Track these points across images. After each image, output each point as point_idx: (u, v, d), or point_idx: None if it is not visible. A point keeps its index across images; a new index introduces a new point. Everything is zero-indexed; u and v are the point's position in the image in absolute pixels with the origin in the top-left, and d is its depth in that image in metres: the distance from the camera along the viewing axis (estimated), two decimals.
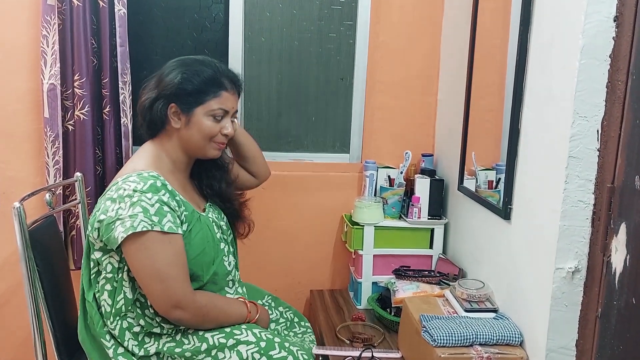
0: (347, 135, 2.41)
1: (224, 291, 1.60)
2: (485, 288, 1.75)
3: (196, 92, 1.49)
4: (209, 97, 1.49)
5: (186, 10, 2.27)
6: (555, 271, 1.39)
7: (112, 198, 1.39)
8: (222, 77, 1.52)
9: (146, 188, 1.38)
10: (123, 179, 1.41)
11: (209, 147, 1.54)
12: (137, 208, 1.36)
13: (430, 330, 1.54)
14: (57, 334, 1.65)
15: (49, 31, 1.99)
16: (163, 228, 1.37)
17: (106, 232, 1.38)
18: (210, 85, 1.50)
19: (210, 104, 1.50)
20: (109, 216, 1.37)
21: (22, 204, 1.57)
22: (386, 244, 2.17)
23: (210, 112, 1.50)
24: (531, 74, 1.56)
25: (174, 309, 1.40)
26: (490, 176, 1.86)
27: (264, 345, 1.45)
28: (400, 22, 2.30)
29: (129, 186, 1.38)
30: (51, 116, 2.03)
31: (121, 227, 1.35)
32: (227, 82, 1.53)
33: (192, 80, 1.49)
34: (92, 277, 1.49)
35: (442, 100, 2.34)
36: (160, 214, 1.38)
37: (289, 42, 2.33)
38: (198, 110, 1.49)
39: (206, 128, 1.51)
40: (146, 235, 1.35)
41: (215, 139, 1.54)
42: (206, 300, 1.47)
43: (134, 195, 1.37)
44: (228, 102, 1.53)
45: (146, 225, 1.35)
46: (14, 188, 2.15)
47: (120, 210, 1.36)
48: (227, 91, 1.52)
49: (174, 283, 1.38)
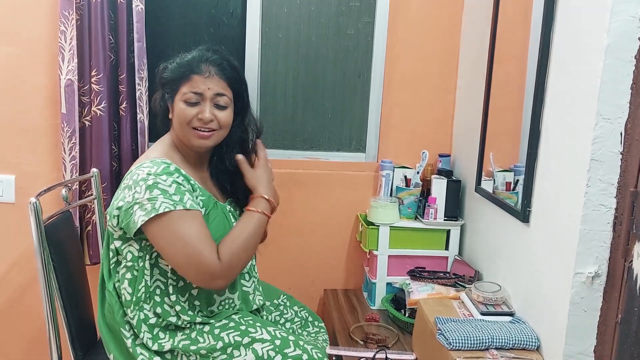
0: (364, 134, 2.40)
1: (240, 284, 1.59)
2: (502, 291, 1.73)
3: (172, 80, 1.50)
4: (180, 82, 1.48)
5: (203, 5, 2.27)
6: (574, 276, 1.37)
7: (128, 185, 1.40)
8: (194, 62, 1.49)
9: (160, 171, 1.39)
10: (137, 166, 1.43)
11: (189, 134, 1.49)
12: (155, 191, 1.36)
13: (445, 333, 1.52)
14: (72, 328, 1.66)
15: (67, 26, 1.99)
16: (185, 205, 1.38)
17: (125, 217, 1.39)
18: (181, 71, 1.48)
19: (182, 89, 1.48)
20: (126, 202, 1.39)
21: (38, 199, 1.58)
22: (401, 245, 2.16)
23: (183, 96, 1.48)
24: (553, 73, 1.53)
25: (212, 280, 1.39)
26: (508, 178, 1.84)
27: (278, 343, 1.45)
28: (419, 19, 2.28)
29: (142, 171, 1.39)
30: (68, 112, 2.04)
31: (140, 211, 1.35)
32: (202, 65, 1.48)
33: (168, 68, 1.52)
34: (111, 267, 1.50)
35: (461, 98, 2.31)
36: (180, 193, 1.39)
37: (306, 38, 2.32)
38: (176, 97, 1.49)
39: (180, 113, 1.48)
40: (170, 216, 1.36)
41: (192, 124, 1.48)
42: (229, 253, 1.41)
43: (148, 178, 1.37)
44: (201, 84, 1.47)
45: (168, 205, 1.35)
46: (31, 183, 2.17)
47: (136, 194, 1.37)
48: (200, 74, 1.47)
49: (204, 257, 1.36)
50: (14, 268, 2.25)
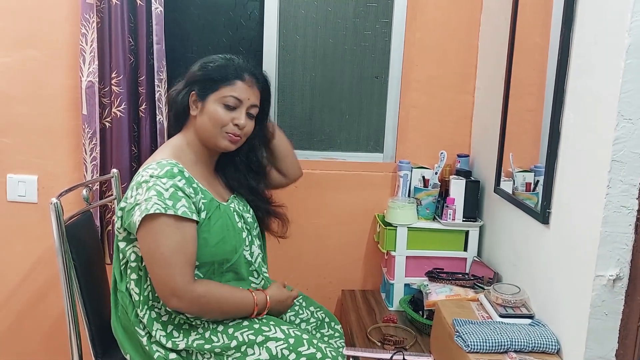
0: (381, 134, 2.39)
1: (248, 281, 1.60)
2: (521, 293, 1.71)
3: (211, 79, 1.52)
4: (222, 84, 1.51)
5: (222, 8, 2.28)
6: (595, 278, 1.35)
7: (132, 187, 1.44)
8: (240, 69, 1.54)
9: (162, 173, 1.41)
10: (144, 168, 1.46)
11: (220, 136, 1.53)
12: (152, 192, 1.38)
13: (463, 335, 1.51)
14: (92, 327, 1.68)
15: (87, 29, 2.02)
16: (177, 212, 1.38)
17: (127, 218, 1.42)
18: (224, 74, 1.52)
19: (222, 91, 1.51)
20: (128, 203, 1.42)
21: (59, 199, 1.60)
22: (419, 246, 2.15)
23: (222, 99, 1.51)
24: (573, 73, 1.51)
25: (171, 296, 1.39)
26: (528, 178, 1.82)
27: (292, 341, 1.45)
28: (437, 19, 2.27)
29: (146, 173, 1.42)
30: (89, 113, 2.06)
31: (138, 212, 1.38)
32: (246, 75, 1.54)
33: (208, 68, 1.54)
34: (122, 268, 1.52)
35: (479, 98, 2.29)
36: (175, 198, 1.39)
37: (324, 39, 2.32)
38: (211, 97, 1.52)
39: (215, 114, 1.51)
40: (158, 219, 1.37)
41: (226, 128, 1.52)
42: (205, 290, 1.43)
43: (150, 180, 1.40)
44: (243, 92, 1.53)
45: (159, 207, 1.36)
46: (53, 183, 2.20)
47: (138, 196, 1.40)
48: (244, 82, 1.53)
49: (173, 270, 1.37)
50: (36, 267, 2.29)
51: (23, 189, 2.22)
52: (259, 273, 1.63)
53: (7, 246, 2.27)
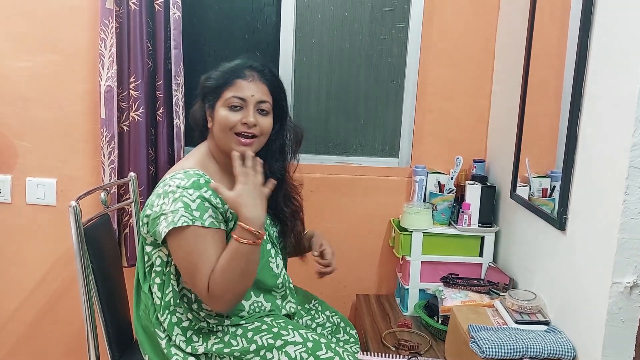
0: (397, 139, 2.39)
1: (272, 296, 1.59)
2: (537, 299, 1.70)
3: (215, 87, 1.50)
4: (224, 88, 1.49)
5: (239, 12, 2.30)
6: (612, 285, 1.34)
7: (158, 194, 1.43)
8: (239, 68, 1.50)
9: (188, 184, 1.40)
10: (170, 176, 1.45)
11: (232, 140, 1.47)
12: (179, 203, 1.38)
13: (478, 341, 1.50)
14: (109, 329, 1.69)
15: (106, 34, 2.05)
16: (204, 223, 1.38)
17: (152, 226, 1.42)
18: (225, 77, 1.50)
19: (224, 94, 1.48)
20: (154, 211, 1.42)
21: (78, 202, 1.61)
22: (435, 251, 2.14)
23: (226, 102, 1.48)
24: (591, 77, 1.49)
25: (208, 301, 1.39)
26: (544, 184, 1.81)
27: (311, 345, 1.45)
28: (453, 23, 2.26)
29: (173, 182, 1.42)
30: (107, 117, 2.09)
31: (164, 222, 1.38)
32: (246, 71, 1.50)
33: (212, 77, 1.52)
34: (146, 270, 1.53)
35: (496, 103, 2.28)
36: (202, 209, 1.39)
37: (340, 44, 2.32)
38: (218, 104, 1.50)
39: (222, 118, 1.47)
40: (187, 230, 1.37)
41: (235, 129, 1.47)
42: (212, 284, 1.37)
43: (177, 191, 1.40)
44: (245, 89, 1.48)
45: (187, 220, 1.37)
46: (71, 186, 2.23)
47: (164, 206, 1.40)
48: (244, 79, 1.49)
49: (198, 281, 1.37)
50: (54, 269, 2.31)
51: (42, 192, 2.25)
52: (283, 284, 1.61)
53: (26, 248, 2.30)
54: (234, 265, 1.37)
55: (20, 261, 2.31)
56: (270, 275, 1.57)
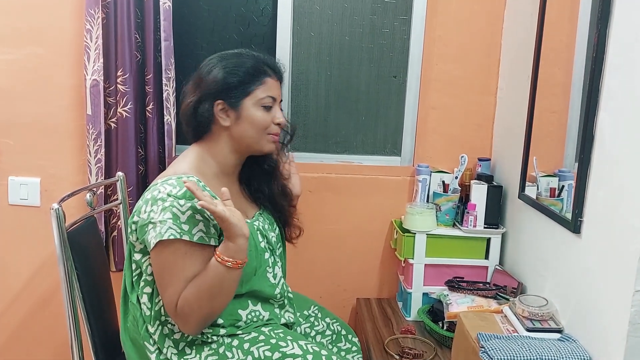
0: (399, 137, 2.34)
1: (270, 304, 1.54)
2: (549, 306, 1.63)
3: (241, 84, 1.46)
4: (254, 86, 1.47)
5: (232, 3, 2.23)
6: (634, 294, 1.26)
7: (146, 199, 1.37)
8: (263, 65, 1.50)
9: (180, 194, 1.34)
10: (162, 180, 1.39)
11: (264, 140, 1.51)
12: (167, 214, 1.32)
13: (489, 351, 1.43)
14: (96, 338, 1.62)
15: (92, 25, 1.97)
16: (192, 238, 1.33)
17: (140, 234, 1.38)
18: (253, 75, 1.47)
19: (256, 94, 1.47)
20: (142, 218, 1.37)
21: (60, 205, 1.55)
22: (439, 253, 2.08)
23: (259, 101, 1.47)
24: (609, 73, 1.42)
25: (174, 317, 1.36)
26: (552, 183, 1.76)
27: (311, 358, 1.39)
28: (459, 16, 2.20)
29: (164, 189, 1.36)
30: (93, 113, 2.01)
31: (153, 232, 1.33)
32: (269, 69, 1.51)
33: (236, 73, 1.46)
34: (134, 279, 1.47)
35: (502, 99, 2.22)
36: (192, 223, 1.34)
37: (339, 37, 2.26)
38: (246, 102, 1.46)
39: (259, 119, 1.48)
40: (172, 244, 1.33)
41: (269, 130, 1.50)
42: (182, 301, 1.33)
43: (167, 199, 1.34)
44: (275, 89, 1.51)
45: (174, 233, 1.31)
46: (56, 186, 2.16)
47: (152, 214, 1.34)
48: (271, 77, 1.50)
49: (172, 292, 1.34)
50: (39, 273, 2.24)
51: (25, 191, 2.17)
52: (282, 295, 1.57)
53: (9, 251, 2.23)
54: (208, 284, 1.33)
55: (2, 265, 2.23)
56: (268, 285, 1.52)
